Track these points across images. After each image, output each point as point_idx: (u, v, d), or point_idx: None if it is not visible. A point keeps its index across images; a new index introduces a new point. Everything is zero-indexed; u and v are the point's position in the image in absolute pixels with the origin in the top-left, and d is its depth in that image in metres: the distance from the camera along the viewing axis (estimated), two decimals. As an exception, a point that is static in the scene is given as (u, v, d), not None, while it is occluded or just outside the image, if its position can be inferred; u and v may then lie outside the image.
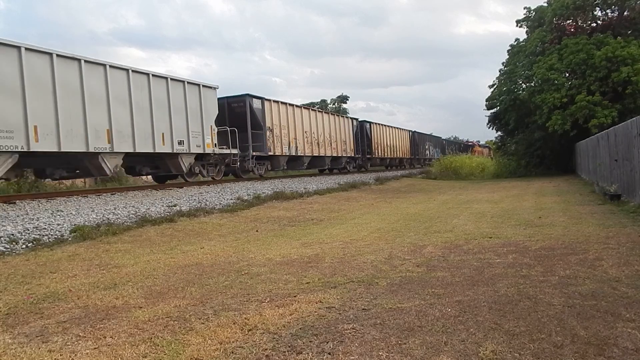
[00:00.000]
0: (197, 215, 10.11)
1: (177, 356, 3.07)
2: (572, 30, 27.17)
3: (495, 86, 30.56)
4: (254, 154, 18.08)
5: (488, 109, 32.22)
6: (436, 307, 3.80)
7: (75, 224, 8.11)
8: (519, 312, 3.61)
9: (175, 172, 15.14)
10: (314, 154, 22.66)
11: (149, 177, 18.22)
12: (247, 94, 18.23)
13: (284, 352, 3.05)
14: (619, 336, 3.08)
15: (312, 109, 23.61)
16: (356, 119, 29.03)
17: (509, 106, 29.04)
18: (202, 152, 15.37)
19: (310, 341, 3.21)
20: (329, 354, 3.00)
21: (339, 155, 25.66)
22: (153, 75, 13.53)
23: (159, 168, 14.90)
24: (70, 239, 7.49)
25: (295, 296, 4.32)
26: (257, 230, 8.98)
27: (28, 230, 7.52)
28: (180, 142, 14.41)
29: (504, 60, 30.90)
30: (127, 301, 4.42)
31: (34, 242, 7.08)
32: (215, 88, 16.32)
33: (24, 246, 6.91)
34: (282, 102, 20.40)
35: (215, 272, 5.45)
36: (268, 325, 3.54)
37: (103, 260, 6.31)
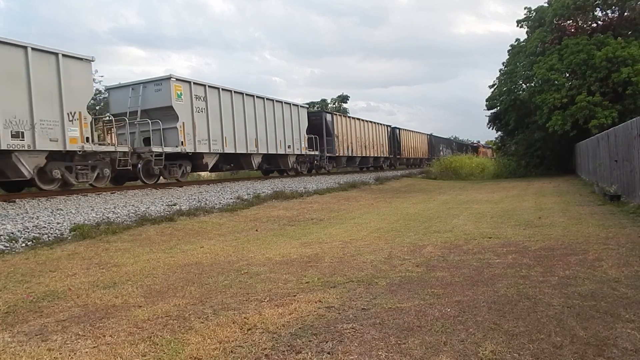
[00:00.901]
0: (196, 214, 10.11)
1: (176, 355, 3.07)
2: (572, 30, 27.13)
3: (496, 86, 30.57)
4: (328, 155, 24.02)
5: (488, 109, 32.28)
6: (435, 307, 3.80)
7: (75, 223, 8.11)
8: (518, 312, 3.61)
9: (283, 167, 21.27)
10: (363, 155, 28.51)
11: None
12: (323, 110, 26.22)
13: (283, 351, 3.05)
14: (619, 337, 3.08)
15: (361, 120, 28.96)
16: (389, 126, 33.84)
17: (509, 106, 29.05)
18: (300, 153, 21.73)
19: (309, 341, 3.21)
20: (329, 353, 3.00)
21: (379, 155, 31.35)
22: (276, 100, 19.95)
23: (271, 164, 20.55)
24: (69, 237, 7.49)
25: (294, 296, 4.32)
26: (256, 230, 8.97)
27: (28, 228, 7.51)
28: (289, 147, 20.72)
29: (504, 61, 30.97)
30: (127, 300, 4.42)
31: (34, 241, 7.08)
32: (307, 107, 23.38)
33: (23, 245, 6.91)
34: (343, 115, 28.02)
35: (215, 272, 5.45)
36: (267, 325, 3.54)
37: (103, 259, 6.31)
